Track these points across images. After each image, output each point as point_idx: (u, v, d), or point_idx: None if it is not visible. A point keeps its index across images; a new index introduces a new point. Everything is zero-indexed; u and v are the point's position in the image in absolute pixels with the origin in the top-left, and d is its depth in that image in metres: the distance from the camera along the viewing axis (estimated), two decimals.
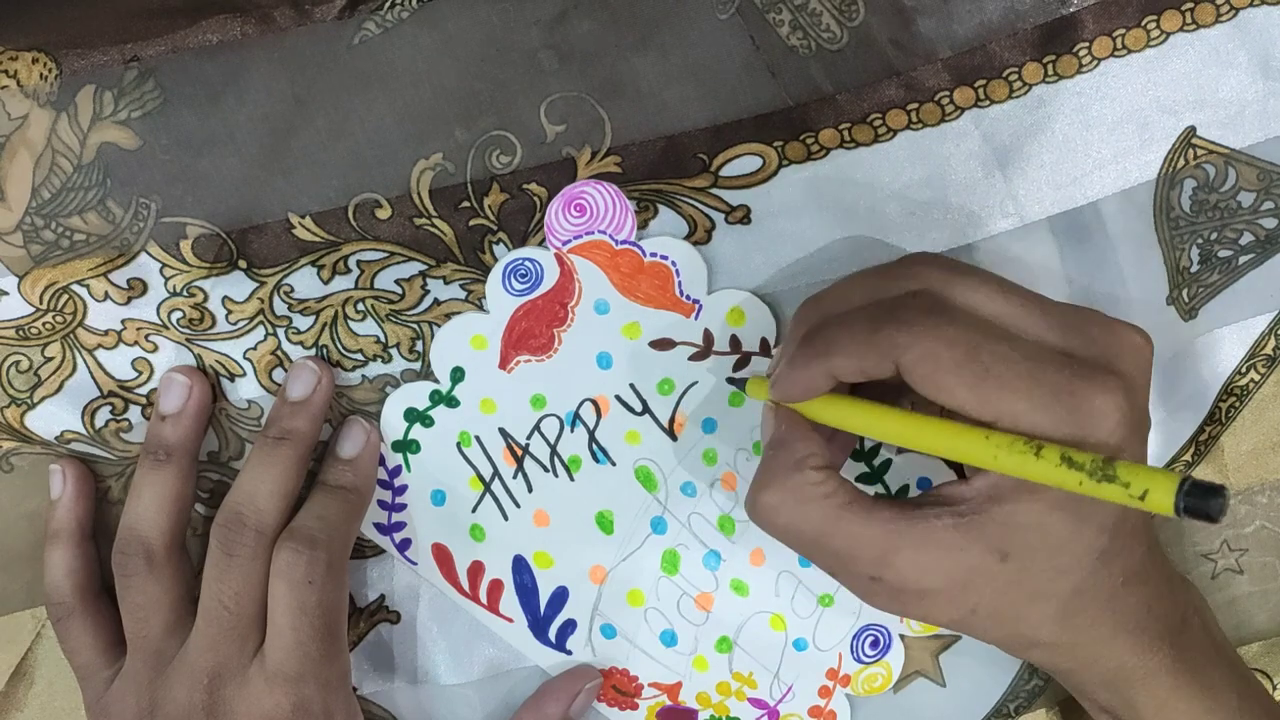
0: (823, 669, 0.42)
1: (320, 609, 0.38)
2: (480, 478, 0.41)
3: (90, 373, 0.40)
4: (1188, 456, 0.41)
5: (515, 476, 0.41)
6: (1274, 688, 0.43)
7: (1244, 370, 0.41)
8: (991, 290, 0.32)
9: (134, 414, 0.41)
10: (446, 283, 0.40)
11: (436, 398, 0.40)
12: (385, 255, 0.39)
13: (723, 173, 0.38)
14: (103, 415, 0.40)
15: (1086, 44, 0.38)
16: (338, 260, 0.39)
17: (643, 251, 0.39)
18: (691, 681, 0.43)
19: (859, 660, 0.42)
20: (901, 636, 0.42)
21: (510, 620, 0.42)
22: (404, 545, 0.42)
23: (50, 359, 0.40)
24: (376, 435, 0.40)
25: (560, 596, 0.42)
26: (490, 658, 0.43)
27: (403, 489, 0.41)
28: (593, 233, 0.39)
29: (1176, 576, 0.36)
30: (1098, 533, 0.32)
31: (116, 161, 0.38)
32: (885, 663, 0.42)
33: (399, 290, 0.40)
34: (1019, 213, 0.39)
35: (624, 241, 0.39)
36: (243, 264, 0.39)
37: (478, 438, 0.41)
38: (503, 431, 0.41)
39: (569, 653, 0.42)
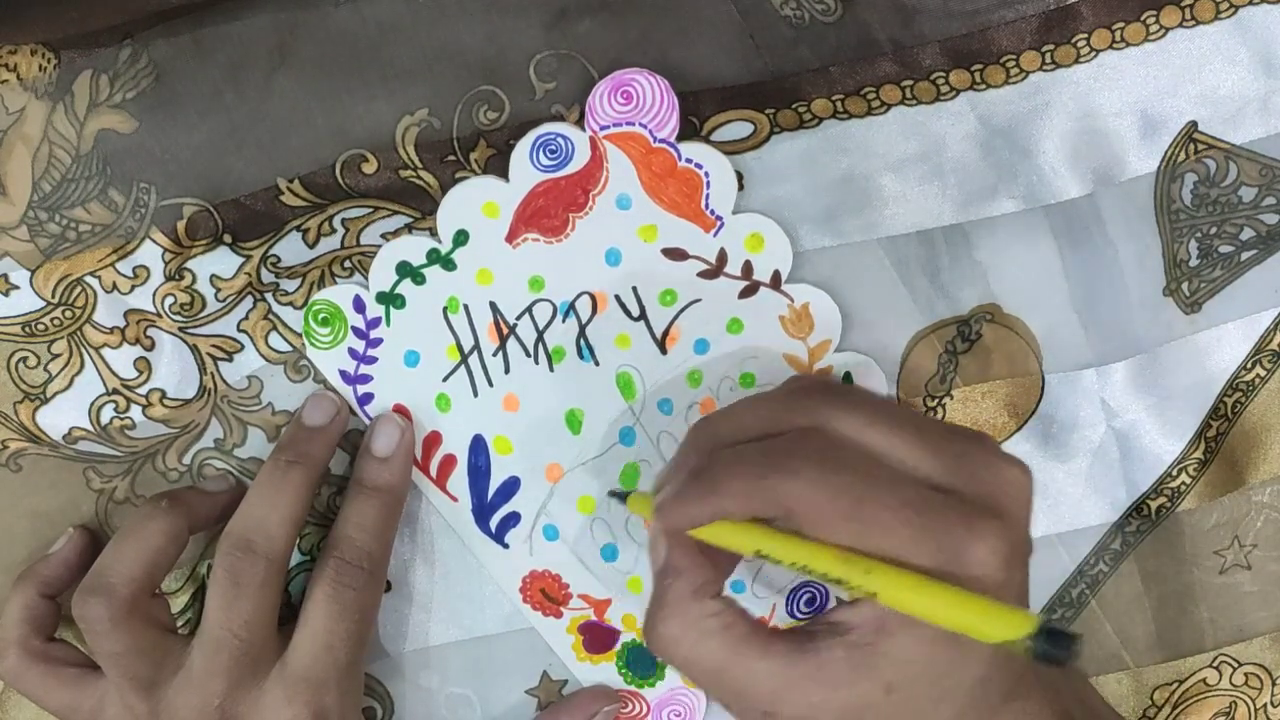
0: (754, 616, 0.42)
1: (358, 611, 0.38)
2: (459, 347, 0.40)
3: (97, 370, 0.40)
4: (1199, 453, 0.42)
5: (495, 354, 0.40)
6: (1274, 683, 0.43)
7: (1249, 365, 0.41)
8: (881, 427, 0.33)
9: (135, 413, 0.40)
10: (433, 234, 0.39)
11: (434, 256, 0.39)
12: (370, 210, 0.39)
13: (714, 137, 0.38)
14: (108, 413, 0.40)
15: (1085, 35, 0.38)
16: (323, 222, 0.39)
17: (678, 155, 0.38)
18: (622, 601, 0.42)
19: (792, 615, 0.42)
20: (839, 600, 0.42)
21: (455, 499, 0.41)
22: (365, 399, 0.40)
23: (57, 355, 0.40)
24: (411, 432, 0.40)
25: (510, 486, 0.41)
26: (483, 624, 0.42)
27: (377, 342, 0.40)
28: (633, 124, 0.38)
29: (1061, 677, 0.36)
30: (978, 661, 0.32)
31: (115, 148, 0.38)
32: None
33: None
34: (1016, 198, 0.39)
35: (662, 140, 0.38)
36: (228, 238, 0.39)
37: (466, 306, 0.40)
38: (493, 306, 0.40)
39: (506, 545, 0.41)
